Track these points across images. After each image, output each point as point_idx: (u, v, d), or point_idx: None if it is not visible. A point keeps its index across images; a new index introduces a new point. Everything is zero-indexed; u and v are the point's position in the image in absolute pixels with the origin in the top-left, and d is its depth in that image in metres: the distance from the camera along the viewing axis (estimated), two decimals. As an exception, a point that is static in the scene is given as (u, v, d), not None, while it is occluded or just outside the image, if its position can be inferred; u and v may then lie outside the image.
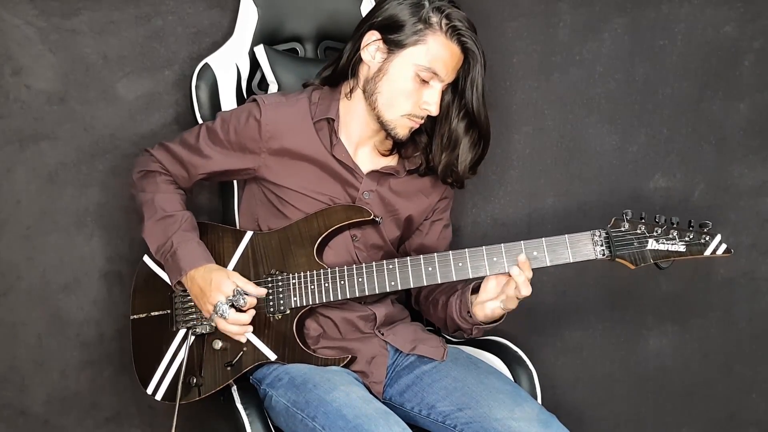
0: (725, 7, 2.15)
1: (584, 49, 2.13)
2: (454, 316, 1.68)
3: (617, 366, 2.32)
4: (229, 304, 1.59)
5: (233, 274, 1.63)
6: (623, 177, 2.20)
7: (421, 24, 1.56)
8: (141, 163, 1.74)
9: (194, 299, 1.65)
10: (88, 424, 2.00)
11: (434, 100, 1.60)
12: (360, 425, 1.44)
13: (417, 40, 1.56)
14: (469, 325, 1.67)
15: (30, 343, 1.94)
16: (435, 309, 1.75)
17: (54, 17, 1.83)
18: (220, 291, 1.59)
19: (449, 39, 1.56)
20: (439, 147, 1.67)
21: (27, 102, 1.85)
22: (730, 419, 2.39)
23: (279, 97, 1.70)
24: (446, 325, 1.73)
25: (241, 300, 1.59)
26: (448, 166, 1.67)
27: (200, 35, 1.93)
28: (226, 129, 1.67)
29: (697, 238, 1.57)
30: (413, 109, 1.61)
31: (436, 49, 1.56)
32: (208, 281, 1.61)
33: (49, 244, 1.91)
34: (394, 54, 1.58)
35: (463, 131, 1.65)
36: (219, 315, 1.59)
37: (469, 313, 1.65)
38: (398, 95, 1.60)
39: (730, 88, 2.20)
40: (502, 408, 1.56)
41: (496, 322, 1.66)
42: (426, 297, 1.79)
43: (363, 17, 1.67)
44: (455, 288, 1.70)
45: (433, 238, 1.80)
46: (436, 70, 1.57)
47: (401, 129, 1.63)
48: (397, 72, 1.59)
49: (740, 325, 2.34)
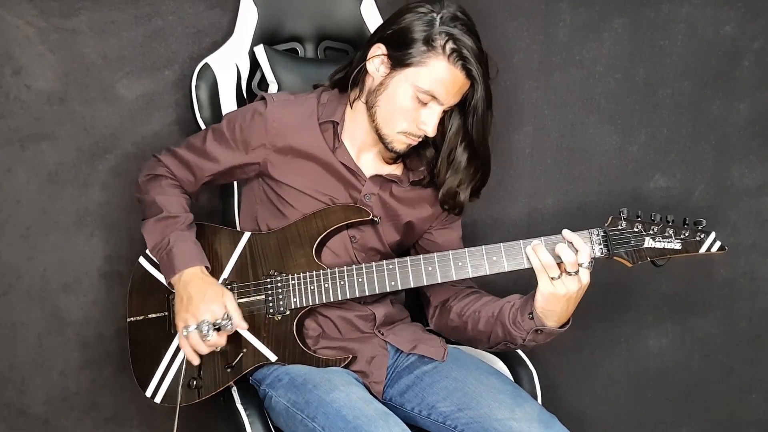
0: (725, 7, 2.15)
1: (584, 49, 2.13)
2: (506, 321, 1.60)
3: (617, 366, 2.32)
4: (215, 327, 1.57)
5: (228, 296, 1.60)
6: (623, 177, 2.20)
7: (425, 46, 1.53)
8: (148, 168, 1.74)
9: (177, 302, 1.62)
10: (88, 424, 2.00)
11: (431, 122, 1.57)
12: (360, 426, 1.44)
13: (420, 61, 1.54)
14: (524, 332, 1.59)
15: (30, 343, 1.93)
16: (475, 324, 1.67)
17: (54, 17, 1.83)
18: (209, 311, 1.57)
19: (452, 64, 1.53)
20: (444, 165, 1.66)
21: (27, 102, 1.85)
22: (730, 419, 2.40)
23: (287, 95, 1.70)
24: (489, 338, 1.66)
25: (228, 324, 1.57)
26: (449, 192, 1.66)
27: (200, 35, 1.93)
28: (231, 127, 1.67)
29: (692, 236, 1.57)
30: (410, 128, 1.59)
31: (437, 72, 1.54)
32: (202, 294, 1.59)
33: (49, 244, 1.91)
34: (396, 71, 1.57)
35: (466, 159, 1.63)
36: (202, 333, 1.56)
37: (531, 314, 1.57)
38: (396, 112, 1.58)
39: (730, 88, 2.20)
40: (502, 408, 1.55)
41: (563, 327, 1.59)
42: (460, 314, 1.70)
43: (377, 27, 1.65)
44: (504, 301, 1.64)
45: (443, 245, 1.77)
46: (435, 93, 1.55)
47: (398, 144, 1.62)
48: (397, 89, 1.57)
49: (740, 325, 2.35)
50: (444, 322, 1.75)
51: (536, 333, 1.59)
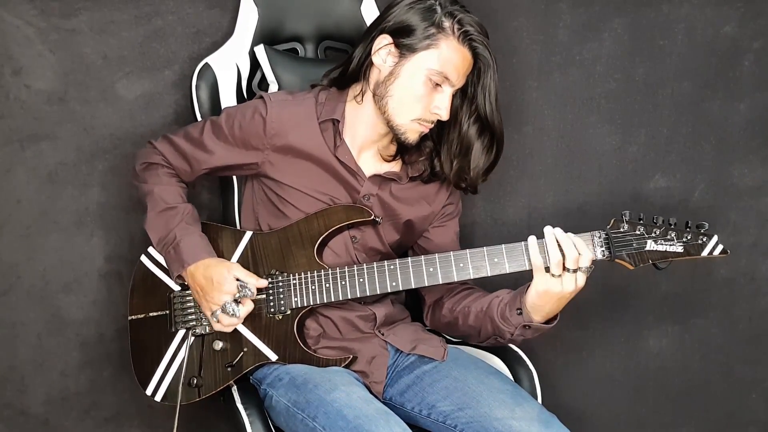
0: (725, 7, 2.15)
1: (584, 49, 2.13)
2: (494, 316, 1.62)
3: (617, 366, 2.32)
4: (237, 302, 1.60)
5: (233, 266, 1.63)
6: (623, 177, 2.20)
7: (433, 28, 1.56)
8: (144, 155, 1.74)
9: (194, 295, 1.66)
10: (88, 424, 2.00)
11: (445, 105, 1.60)
12: (360, 425, 1.44)
13: (429, 44, 1.56)
14: (512, 327, 1.61)
15: (30, 343, 1.93)
16: (465, 319, 1.69)
17: (54, 17, 1.83)
18: (224, 291, 1.60)
19: (461, 44, 1.57)
20: (448, 154, 1.67)
21: (27, 102, 1.85)
22: (730, 419, 2.40)
23: (285, 95, 1.70)
24: (479, 333, 1.68)
25: (247, 292, 1.61)
26: (460, 171, 1.67)
27: (200, 35, 1.93)
28: (230, 124, 1.67)
29: (695, 239, 1.57)
30: (423, 114, 1.60)
31: (448, 53, 1.56)
32: (210, 279, 1.61)
33: (49, 244, 1.91)
34: (405, 58, 1.58)
35: (475, 136, 1.64)
36: (230, 314, 1.60)
37: (519, 310, 1.59)
38: (409, 99, 1.59)
39: (730, 88, 2.20)
40: (502, 408, 1.56)
41: (549, 323, 1.61)
42: (451, 309, 1.72)
43: (373, 21, 1.67)
44: (493, 296, 1.66)
45: (439, 244, 1.78)
46: (447, 74, 1.57)
47: (411, 134, 1.63)
48: (408, 76, 1.58)
49: (740, 325, 2.35)
50: (437, 318, 1.77)
51: (524, 328, 1.61)
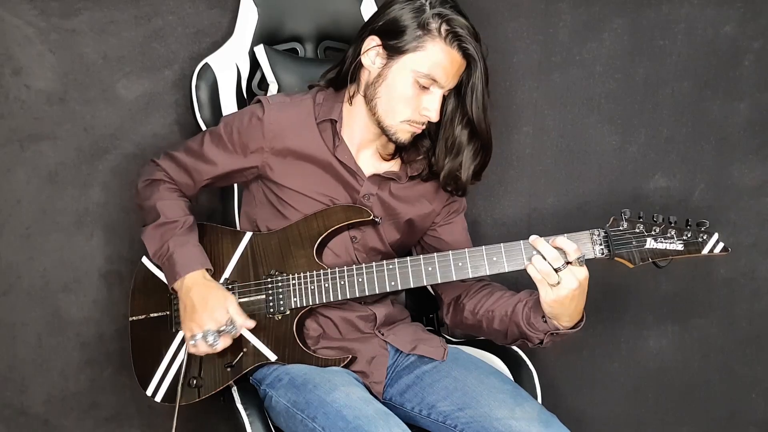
0: (725, 7, 2.15)
1: (584, 49, 2.13)
2: (520, 321, 1.61)
3: (617, 366, 2.32)
4: (220, 333, 1.58)
5: (231, 299, 1.61)
6: (623, 177, 2.20)
7: (420, 30, 1.54)
8: (146, 173, 1.74)
9: (181, 310, 1.63)
10: (88, 424, 2.00)
11: (434, 107, 1.58)
12: (360, 426, 1.44)
13: (416, 47, 1.55)
14: (540, 334, 1.59)
15: (30, 343, 1.94)
16: (490, 323, 1.66)
17: (54, 17, 1.83)
18: (212, 319, 1.58)
19: (449, 45, 1.55)
20: (442, 152, 1.66)
21: (27, 102, 1.85)
22: (730, 419, 2.40)
23: (283, 97, 1.70)
24: (506, 335, 1.66)
25: (233, 329, 1.59)
26: (450, 173, 1.66)
27: (200, 35, 1.93)
28: (229, 131, 1.67)
29: (695, 237, 1.57)
30: (413, 115, 1.60)
31: (435, 55, 1.55)
32: (204, 301, 1.59)
33: (49, 244, 1.91)
34: (393, 60, 1.57)
35: (466, 139, 1.63)
36: (209, 343, 1.57)
37: (544, 317, 1.57)
38: (398, 101, 1.58)
39: (730, 88, 2.20)
40: (502, 408, 1.56)
41: (576, 326, 1.59)
42: (474, 312, 1.69)
43: (365, 22, 1.66)
44: (516, 299, 1.64)
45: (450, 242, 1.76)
46: (435, 77, 1.56)
47: (402, 134, 1.62)
48: (396, 78, 1.57)
49: (740, 325, 2.34)
50: (459, 320, 1.74)
51: (552, 336, 1.59)
